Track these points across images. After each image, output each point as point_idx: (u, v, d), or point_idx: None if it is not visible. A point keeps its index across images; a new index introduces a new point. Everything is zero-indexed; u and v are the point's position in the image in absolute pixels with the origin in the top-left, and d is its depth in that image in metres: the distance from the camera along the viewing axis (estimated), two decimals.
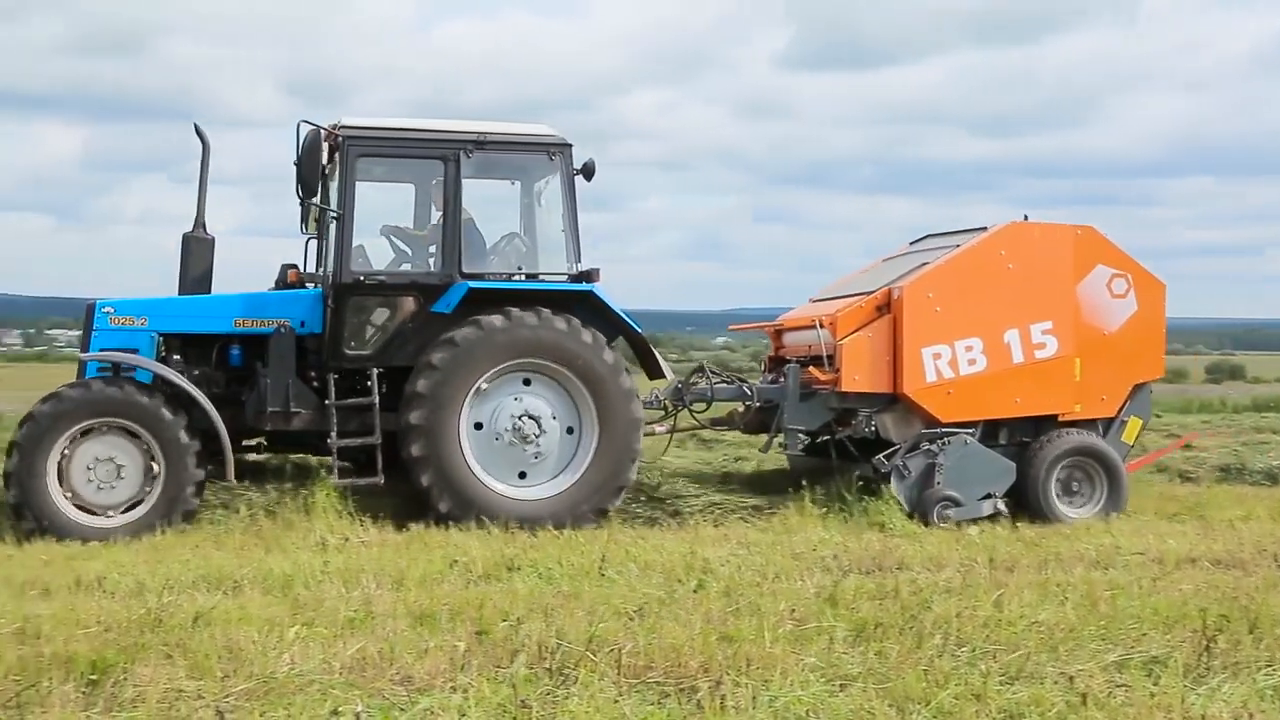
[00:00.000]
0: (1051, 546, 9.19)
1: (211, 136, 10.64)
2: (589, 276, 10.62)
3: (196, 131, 10.71)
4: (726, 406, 11.81)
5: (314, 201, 10.40)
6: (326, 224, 10.70)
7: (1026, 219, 11.37)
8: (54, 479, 9.57)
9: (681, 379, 11.76)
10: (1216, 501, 11.87)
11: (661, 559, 8.32)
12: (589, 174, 10.77)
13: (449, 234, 10.45)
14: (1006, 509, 10.76)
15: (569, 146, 10.77)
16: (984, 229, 11.43)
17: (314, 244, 11.35)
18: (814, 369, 11.13)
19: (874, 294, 11.11)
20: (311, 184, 10.17)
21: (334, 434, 10.16)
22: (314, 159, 10.06)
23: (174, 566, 7.95)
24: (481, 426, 10.33)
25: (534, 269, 10.97)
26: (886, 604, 6.82)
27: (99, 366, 10.27)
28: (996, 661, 5.61)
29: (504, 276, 10.82)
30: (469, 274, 10.44)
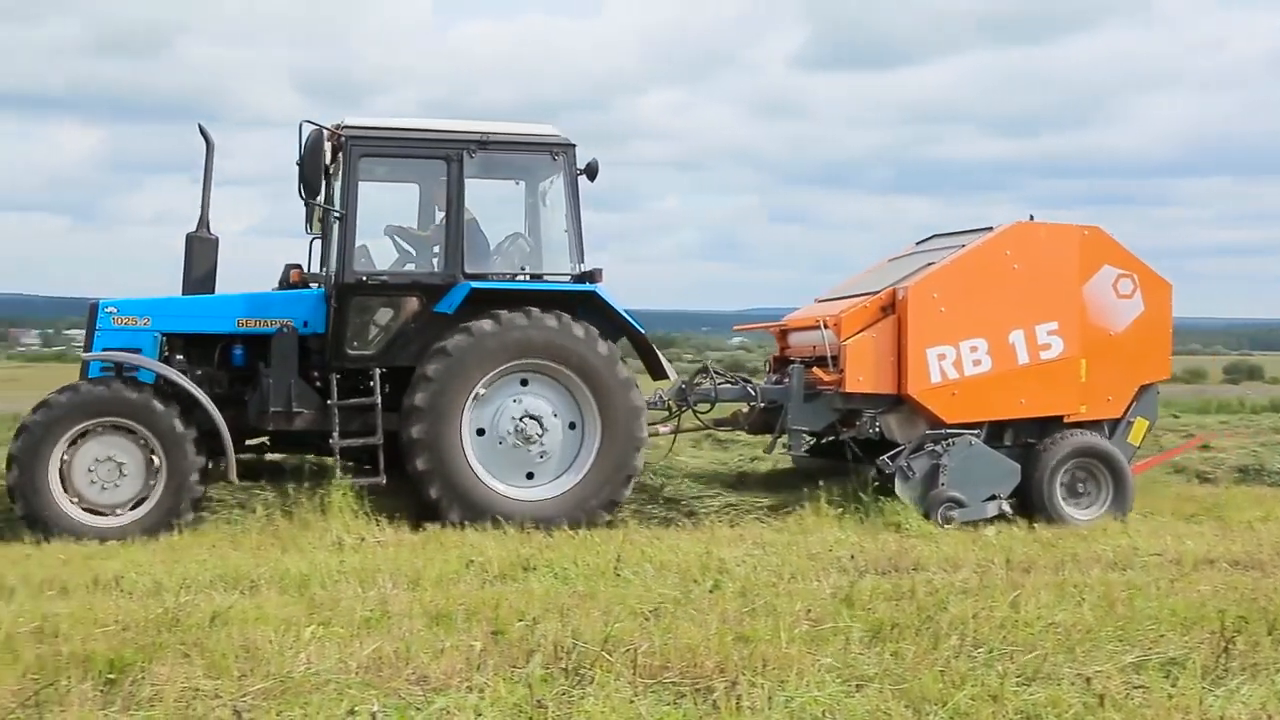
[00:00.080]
0: (1068, 547, 9.16)
1: (228, 137, 10.69)
2: (592, 277, 10.61)
3: (201, 132, 10.75)
4: (730, 407, 11.81)
5: (316, 202, 10.39)
6: (330, 224, 10.70)
7: (1032, 219, 11.34)
8: (57, 486, 9.58)
9: (686, 379, 11.75)
10: (1235, 502, 11.83)
11: (677, 559, 8.32)
12: (592, 174, 10.77)
13: (452, 234, 10.45)
14: (1011, 510, 10.72)
15: (572, 147, 10.76)
16: (989, 229, 11.39)
17: (318, 244, 11.36)
18: (818, 370, 11.13)
19: (879, 294, 11.08)
20: (314, 184, 10.16)
21: (336, 434, 10.16)
22: (317, 159, 10.05)
23: (191, 566, 7.98)
24: (484, 432, 10.33)
25: (538, 269, 10.97)
26: (903, 604, 6.81)
27: (102, 366, 10.27)
28: (1013, 662, 5.59)
29: (507, 277, 10.83)
30: (471, 274, 10.44)
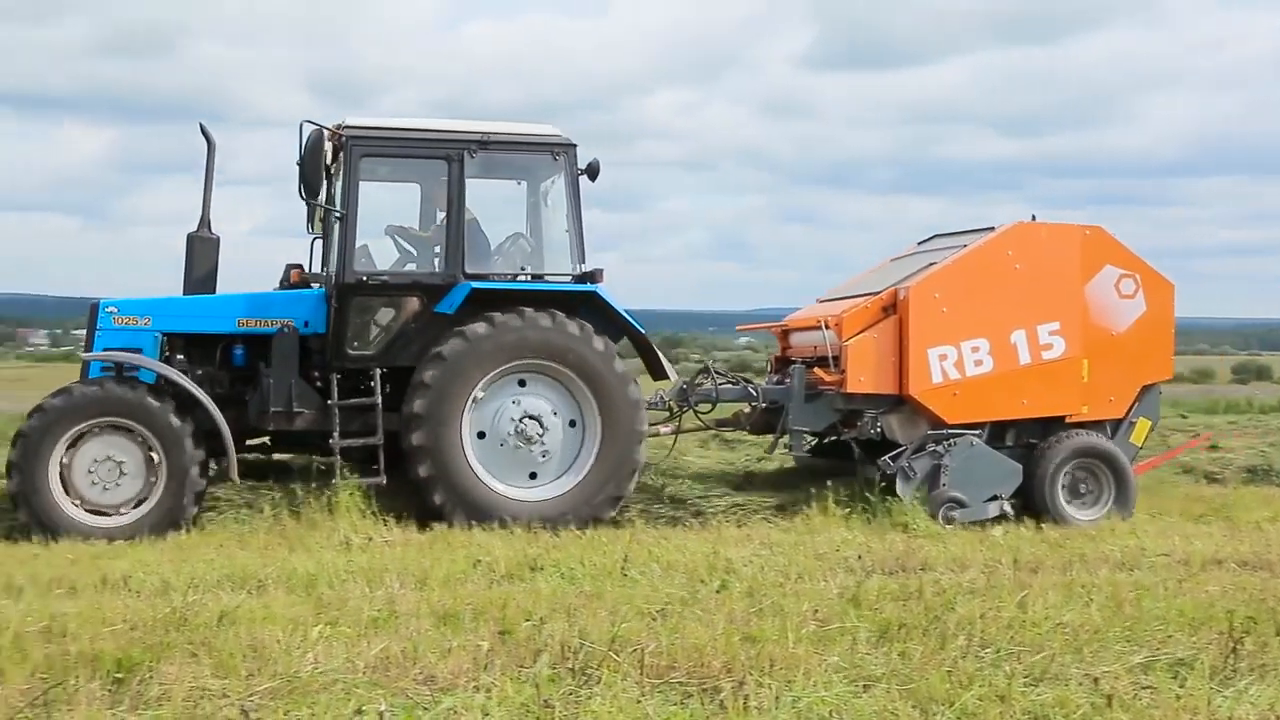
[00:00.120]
0: (1076, 548, 9.14)
1: (234, 137, 10.77)
2: (593, 277, 10.59)
3: (202, 131, 10.75)
4: (732, 407, 11.80)
5: (317, 202, 10.38)
6: (331, 224, 10.69)
7: (1035, 219, 11.31)
8: (58, 488, 9.59)
9: (687, 380, 11.74)
10: (1243, 502, 11.80)
11: (684, 559, 8.32)
12: (593, 174, 10.76)
13: (452, 234, 10.45)
14: (1013, 511, 10.70)
15: (573, 146, 10.75)
16: (991, 229, 11.36)
17: (319, 244, 11.35)
18: (819, 370, 11.11)
19: (880, 294, 11.07)
20: (315, 184, 10.15)
21: (336, 434, 10.15)
22: (317, 159, 10.05)
23: (198, 566, 7.99)
24: (484, 435, 10.32)
25: (540, 269, 10.96)
26: (910, 605, 6.80)
27: (102, 366, 10.26)
28: (1021, 663, 5.59)
29: (508, 277, 10.82)
30: (472, 274, 10.43)
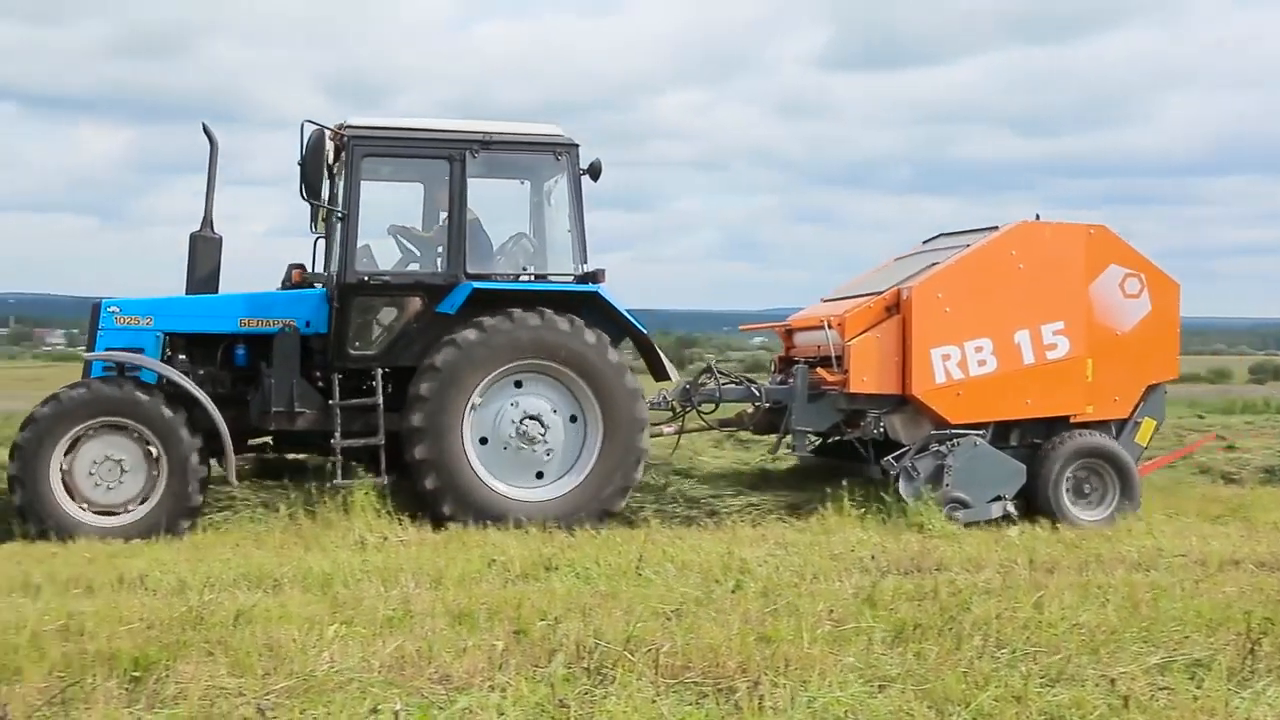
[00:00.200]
0: (1092, 548, 9.11)
1: (250, 138, 10.81)
2: (594, 277, 10.57)
3: (205, 132, 10.75)
4: (735, 407, 11.79)
5: (317, 201, 10.35)
6: (333, 224, 10.69)
7: (1039, 218, 11.27)
8: (64, 494, 9.60)
9: (690, 380, 11.73)
10: (1260, 503, 11.73)
11: (699, 559, 8.31)
12: (595, 174, 10.74)
13: (454, 234, 10.44)
14: (1016, 511, 10.65)
15: (575, 146, 10.73)
16: (995, 228, 11.31)
17: (322, 244, 11.31)
18: (822, 370, 11.07)
19: (883, 294, 11.03)
20: (316, 184, 10.13)
21: (337, 434, 10.13)
22: (318, 159, 10.04)
23: (215, 565, 8.01)
24: (487, 440, 10.30)
25: (543, 269, 10.94)
26: (925, 605, 6.79)
27: (104, 366, 10.27)
28: (1037, 663, 5.58)
29: (510, 277, 10.81)
30: (474, 274, 10.41)
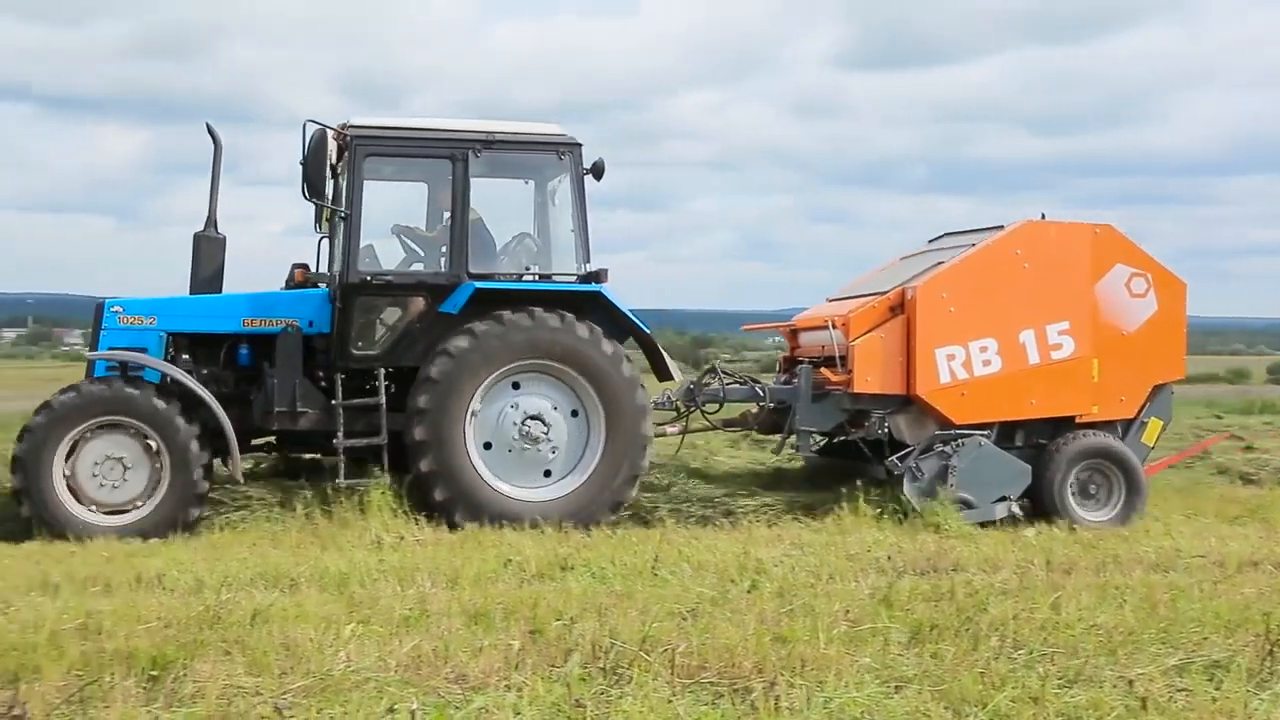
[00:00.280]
0: (1109, 549, 9.09)
1: (267, 138, 10.76)
2: (597, 277, 10.56)
3: (209, 131, 10.73)
4: (739, 407, 11.76)
5: (319, 201, 10.33)
6: (336, 224, 10.68)
7: (1044, 217, 11.21)
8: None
9: (694, 380, 11.72)
10: (1279, 504, 11.68)
11: (715, 559, 8.31)
12: (598, 174, 10.71)
13: (456, 234, 10.44)
14: (1021, 512, 10.61)
15: (578, 146, 10.72)
16: (1000, 227, 11.27)
17: (326, 244, 11.31)
18: (826, 370, 11.05)
19: (888, 294, 11.00)
20: (317, 184, 10.11)
21: (340, 434, 10.13)
22: (320, 159, 10.03)
23: (232, 564, 8.04)
24: (491, 445, 10.29)
25: (546, 269, 10.93)
26: (942, 605, 6.77)
27: (107, 365, 10.29)
28: (1054, 664, 5.56)
29: (513, 277, 10.80)
30: (476, 274, 10.40)
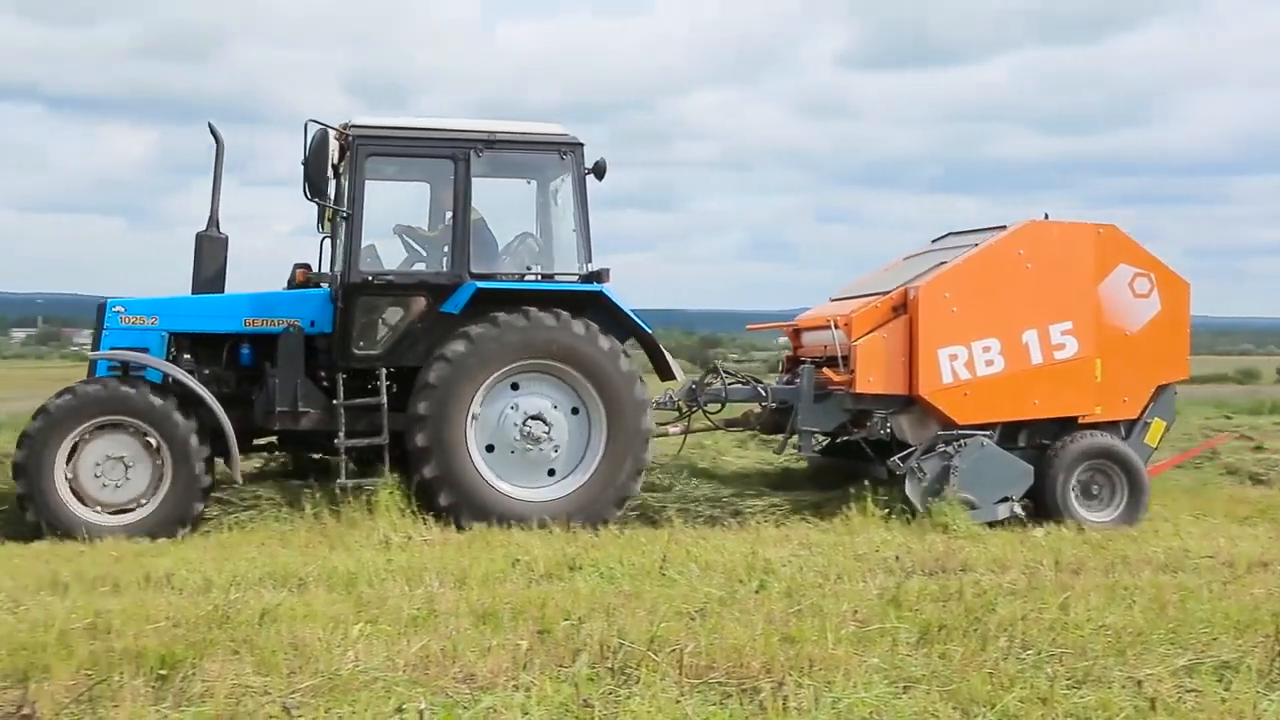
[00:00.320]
0: (1119, 549, 9.07)
1: (276, 139, 10.69)
2: (599, 276, 10.54)
3: (211, 131, 10.71)
4: (742, 407, 11.75)
5: (320, 201, 10.31)
6: (338, 224, 10.66)
7: (1047, 217, 11.18)
8: (75, 503, 9.63)
9: (696, 380, 11.70)
10: None
11: (723, 559, 8.30)
12: (600, 173, 10.69)
13: (458, 234, 10.42)
14: (1024, 513, 10.58)
15: (580, 146, 10.69)
16: (1003, 227, 11.24)
17: (329, 244, 11.27)
18: (828, 370, 11.01)
19: (890, 294, 10.97)
20: (318, 184, 10.09)
21: (342, 434, 10.11)
22: (321, 159, 10.01)
23: (240, 564, 8.05)
24: (493, 448, 10.28)
25: (549, 269, 10.91)
26: (950, 606, 6.76)
27: (109, 365, 10.28)
28: (1063, 665, 5.56)
29: (515, 276, 10.78)
30: (478, 274, 10.38)
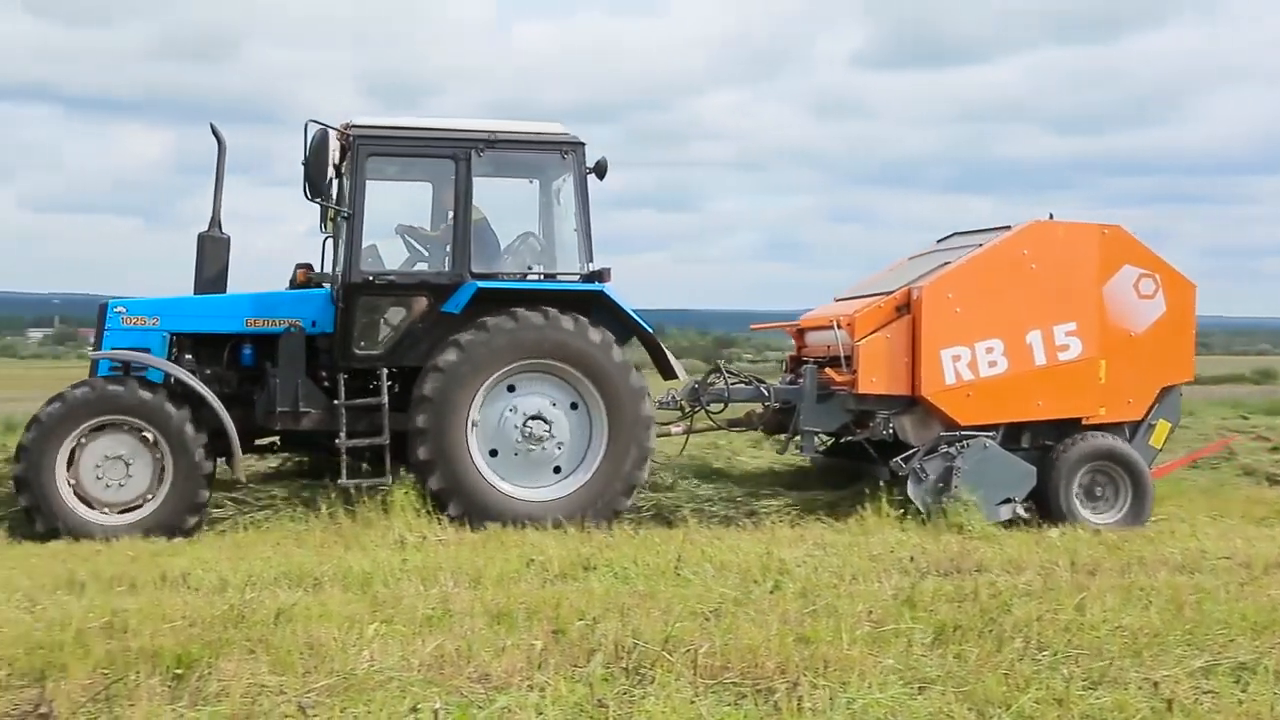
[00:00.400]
0: (1135, 550, 9.03)
1: (291, 139, 10.72)
2: (600, 276, 10.53)
3: (213, 131, 10.70)
4: (744, 407, 11.71)
5: (320, 201, 10.32)
6: (339, 224, 10.65)
7: (1052, 217, 11.13)
8: (80, 505, 9.66)
9: (698, 379, 11.68)
10: None
11: (737, 559, 8.29)
12: (601, 173, 10.67)
13: (459, 234, 10.41)
14: (1028, 514, 10.54)
15: (581, 145, 10.67)
16: (1007, 228, 11.19)
17: (330, 244, 11.25)
18: (831, 370, 10.98)
19: (893, 294, 10.93)
20: (319, 184, 10.08)
21: (343, 434, 10.11)
22: (322, 159, 10.00)
23: (256, 563, 8.07)
24: (497, 453, 10.27)
25: (551, 268, 10.89)
26: (965, 606, 6.75)
27: (111, 365, 10.29)
28: (1078, 666, 5.54)
29: (516, 276, 10.77)
30: (479, 274, 10.37)
